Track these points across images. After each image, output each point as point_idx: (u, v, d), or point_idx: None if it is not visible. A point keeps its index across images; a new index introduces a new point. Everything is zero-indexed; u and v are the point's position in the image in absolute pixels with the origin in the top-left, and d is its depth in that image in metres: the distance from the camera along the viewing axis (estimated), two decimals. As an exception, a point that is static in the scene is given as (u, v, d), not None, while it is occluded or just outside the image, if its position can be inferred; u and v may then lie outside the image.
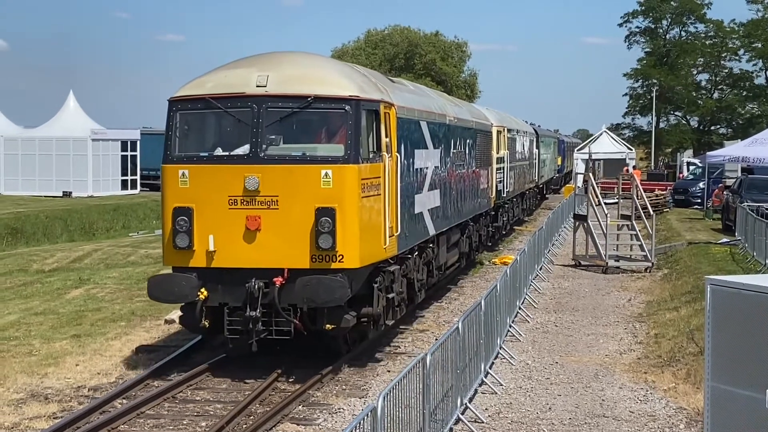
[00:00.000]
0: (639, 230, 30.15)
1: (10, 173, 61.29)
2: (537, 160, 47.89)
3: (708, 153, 39.39)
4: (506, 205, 34.49)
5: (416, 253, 18.51)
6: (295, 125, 15.14)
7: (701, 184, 50.19)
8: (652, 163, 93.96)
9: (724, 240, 32.90)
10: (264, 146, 14.72)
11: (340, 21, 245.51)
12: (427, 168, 19.13)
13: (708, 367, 9.32)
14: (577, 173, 50.45)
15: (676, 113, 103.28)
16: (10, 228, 41.71)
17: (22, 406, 13.63)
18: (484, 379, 14.59)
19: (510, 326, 18.48)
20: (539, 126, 56.14)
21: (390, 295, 16.32)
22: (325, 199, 14.43)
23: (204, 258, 14.74)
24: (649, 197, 39.92)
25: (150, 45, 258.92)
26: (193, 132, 15.55)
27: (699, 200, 49.60)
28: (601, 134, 64.33)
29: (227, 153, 15.05)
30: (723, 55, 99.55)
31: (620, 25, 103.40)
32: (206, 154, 15.17)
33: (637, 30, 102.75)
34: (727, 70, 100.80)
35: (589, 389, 14.63)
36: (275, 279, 14.40)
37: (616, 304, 22.76)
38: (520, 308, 20.54)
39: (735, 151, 45.03)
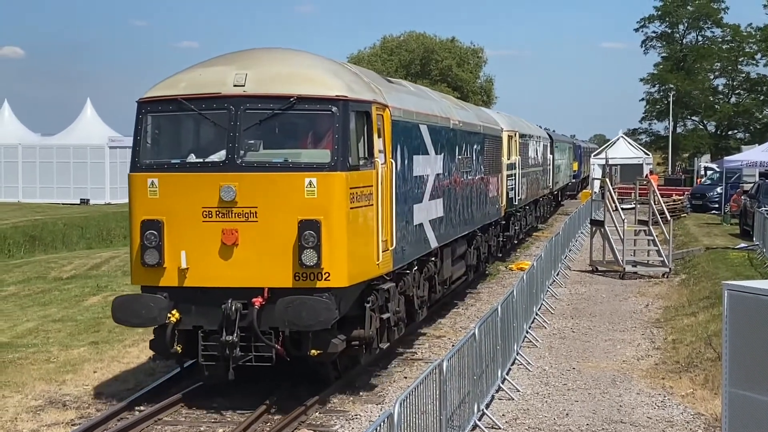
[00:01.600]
0: (656, 235, 29.98)
1: (28, 181, 61.14)
2: (551, 166, 46.15)
3: (725, 158, 39.35)
4: (518, 214, 32.81)
5: (416, 267, 16.98)
6: (276, 129, 13.64)
7: (719, 189, 49.95)
8: (670, 168, 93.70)
9: (742, 245, 32.33)
10: (242, 152, 13.20)
11: (355, 27, 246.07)
12: (427, 175, 17.58)
13: (726, 373, 9.28)
14: (593, 179, 50.23)
15: (693, 118, 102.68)
16: (28, 236, 41.73)
17: (40, 413, 13.53)
18: (501, 385, 14.38)
19: (527, 332, 18.20)
20: (554, 131, 54.39)
21: (385, 316, 14.83)
22: (309, 211, 12.92)
23: (175, 276, 13.22)
24: (667, 202, 39.69)
25: (166, 52, 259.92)
26: (163, 137, 14.10)
27: (716, 205, 49.14)
28: (617, 139, 64.28)
29: (201, 160, 13.53)
30: (740, 59, 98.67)
31: (636, 29, 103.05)
32: (178, 161, 13.65)
33: (654, 35, 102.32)
34: (744, 75, 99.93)
35: (607, 395, 14.42)
36: (254, 299, 12.91)
37: (634, 309, 22.41)
38: (537, 314, 20.23)
39: (752, 155, 44.92)
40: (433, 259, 18.44)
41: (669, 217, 31.01)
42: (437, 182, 18.39)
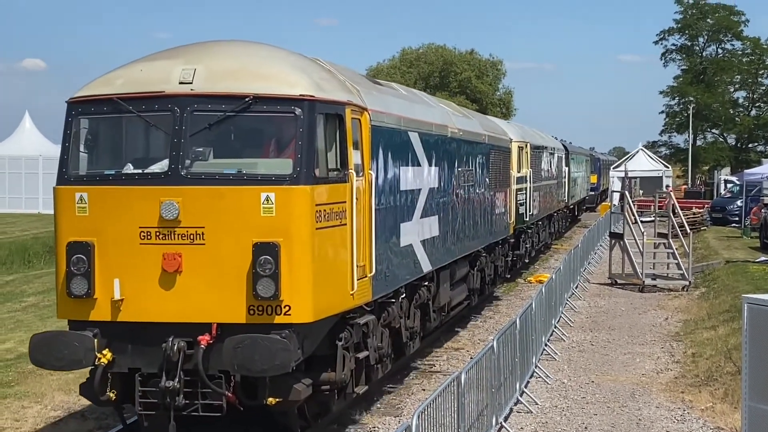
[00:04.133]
0: (676, 248, 29.90)
1: (49, 192, 61.65)
2: (567, 179, 43.71)
3: (746, 171, 39.17)
4: (529, 230, 30.38)
5: (404, 295, 14.76)
6: (228, 134, 11.41)
7: (739, 202, 49.76)
8: (689, 181, 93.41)
9: (762, 258, 31.77)
10: (187, 162, 10.95)
11: (375, 40, 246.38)
12: (419, 190, 15.33)
13: (745, 387, 9.23)
14: (613, 191, 50.08)
15: (713, 131, 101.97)
16: (48, 246, 42.06)
17: (60, 424, 13.33)
18: (519, 398, 14.16)
19: (545, 345, 17.94)
20: (570, 143, 52.31)
21: (361, 355, 12.60)
22: (266, 232, 10.70)
23: (108, 309, 10.98)
24: (686, 215, 39.46)
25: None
26: (96, 144, 11.79)
27: (737, 218, 48.72)
28: (637, 152, 64.11)
29: (140, 171, 11.29)
30: (760, 72, 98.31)
31: (656, 42, 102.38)
32: (112, 172, 11.37)
33: (674, 47, 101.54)
34: (764, 88, 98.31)
35: (626, 408, 14.19)
36: (200, 337, 10.70)
37: (653, 322, 22.13)
38: (555, 327, 19.94)
39: (773, 168, 44.73)
40: (426, 284, 16.23)
41: (689, 230, 30.88)
42: (431, 198, 16.14)
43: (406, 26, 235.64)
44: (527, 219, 29.02)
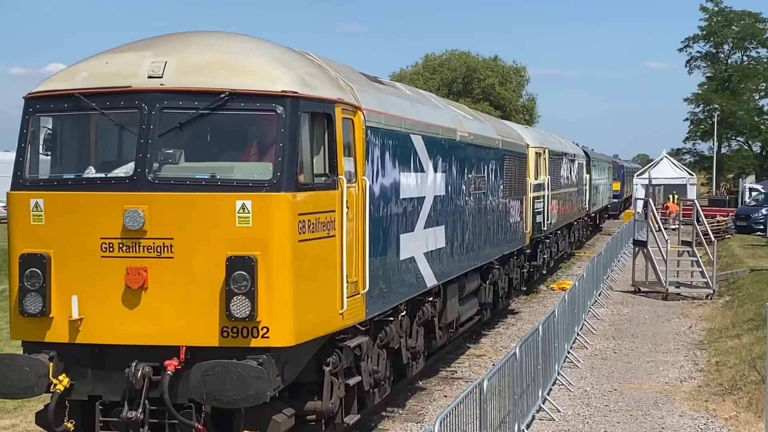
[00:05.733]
0: (700, 257, 29.78)
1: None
2: (587, 186, 42.35)
3: (771, 179, 39.01)
4: (547, 240, 29.04)
5: (404, 312, 13.46)
6: (202, 134, 10.10)
7: (764, 210, 49.52)
8: (714, 189, 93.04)
9: (787, 267, 32.35)
10: (155, 165, 9.69)
11: (398, 46, 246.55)
12: (422, 198, 14.04)
13: (770, 396, 9.19)
14: (636, 198, 49.85)
15: (737, 138, 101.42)
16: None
17: None
18: (541, 405, 14.02)
19: (568, 352, 17.82)
20: (592, 149, 50.96)
21: (352, 381, 11.23)
22: (241, 244, 9.44)
23: (66, 330, 9.73)
24: (711, 223, 39.37)
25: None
26: (55, 144, 10.49)
27: (761, 226, 48.51)
28: (661, 159, 63.69)
29: (102, 175, 9.99)
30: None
31: (681, 49, 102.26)
32: (72, 176, 10.11)
33: (698, 55, 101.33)
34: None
35: (649, 417, 14.06)
36: (167, 362, 9.46)
37: (677, 331, 21.99)
38: (578, 334, 19.83)
39: (798, 176, 44.36)
40: (430, 299, 14.93)
41: (713, 238, 30.72)
42: (437, 206, 14.84)
43: (430, 32, 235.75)
44: (545, 228, 27.69)
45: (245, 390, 9.21)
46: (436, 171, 14.85)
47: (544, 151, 28.26)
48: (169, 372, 9.47)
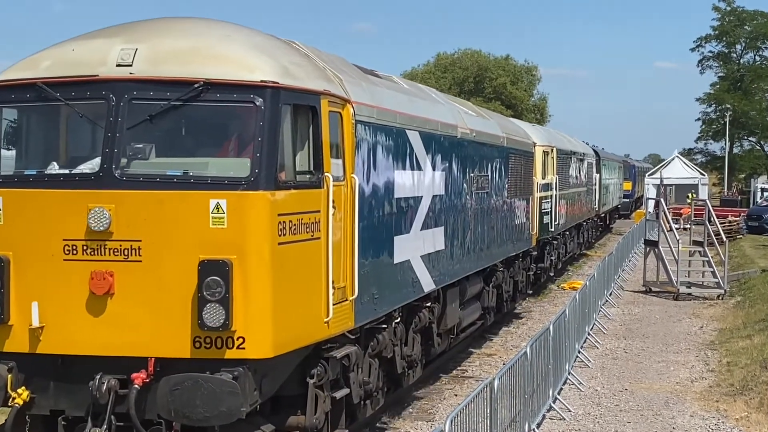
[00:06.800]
0: (711, 257, 29.71)
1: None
2: (597, 186, 41.38)
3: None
4: (555, 242, 28.17)
5: (398, 319, 12.65)
6: (174, 128, 9.31)
7: (775, 211, 49.46)
8: (725, 189, 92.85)
9: (799, 267, 32.25)
10: (123, 161, 8.94)
11: (410, 45, 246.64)
12: (419, 197, 13.18)
13: (781, 397, 9.17)
14: (648, 198, 49.70)
15: (749, 138, 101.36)
16: None
17: None
18: (552, 404, 13.97)
19: (579, 352, 17.74)
20: (602, 149, 50.04)
21: (339, 394, 10.43)
22: (215, 247, 8.70)
23: (25, 338, 9.00)
24: (722, 223, 39.21)
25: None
26: (16, 137, 9.79)
27: (773, 227, 48.86)
28: (673, 159, 63.63)
29: (66, 171, 9.27)
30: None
31: (693, 49, 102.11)
32: (33, 172, 9.40)
33: (710, 54, 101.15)
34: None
35: (659, 417, 14.02)
36: (134, 375, 8.72)
37: (688, 331, 21.87)
38: (589, 334, 19.74)
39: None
40: (428, 305, 14.09)
41: (725, 239, 30.65)
42: (435, 206, 14.00)
43: (442, 31, 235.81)
44: (552, 229, 26.74)
45: (217, 406, 8.46)
46: (434, 169, 14.02)
47: (552, 150, 27.49)
48: (136, 386, 8.72)
